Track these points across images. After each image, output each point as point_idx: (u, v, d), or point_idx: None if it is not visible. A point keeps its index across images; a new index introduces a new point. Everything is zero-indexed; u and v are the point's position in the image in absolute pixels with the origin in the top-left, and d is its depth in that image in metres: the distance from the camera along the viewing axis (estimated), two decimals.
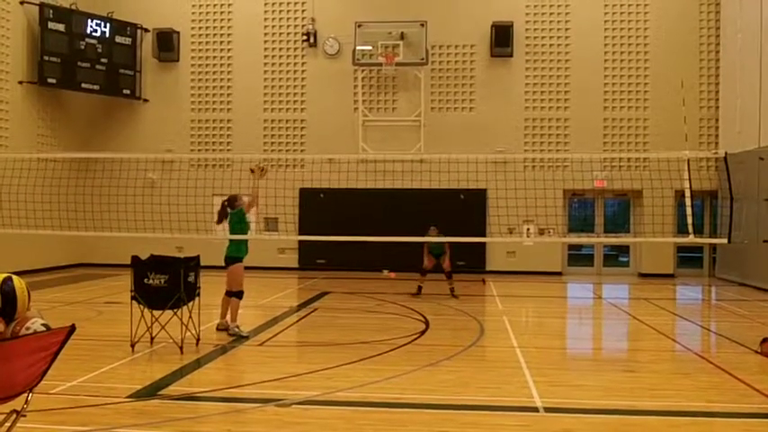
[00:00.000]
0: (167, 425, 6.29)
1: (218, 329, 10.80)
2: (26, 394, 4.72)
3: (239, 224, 10.89)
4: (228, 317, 10.75)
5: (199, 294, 9.79)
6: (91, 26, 21.58)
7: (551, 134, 22.04)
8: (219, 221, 11.09)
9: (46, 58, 20.47)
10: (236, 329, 10.60)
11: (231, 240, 10.85)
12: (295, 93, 22.80)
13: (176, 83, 23.12)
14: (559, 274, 21.85)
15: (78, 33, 21.24)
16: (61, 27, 20.78)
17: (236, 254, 10.76)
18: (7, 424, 4.66)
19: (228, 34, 22.99)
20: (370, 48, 21.71)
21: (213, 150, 22.73)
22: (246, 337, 10.50)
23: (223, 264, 10.82)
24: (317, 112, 22.55)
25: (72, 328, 4.82)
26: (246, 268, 10.96)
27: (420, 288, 15.88)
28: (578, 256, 23.16)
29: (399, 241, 14.25)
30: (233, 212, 10.94)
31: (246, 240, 10.94)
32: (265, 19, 22.87)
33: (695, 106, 21.30)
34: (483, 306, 15.46)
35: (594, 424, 6.48)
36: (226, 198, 11.20)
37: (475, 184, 17.90)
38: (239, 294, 10.75)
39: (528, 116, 22.07)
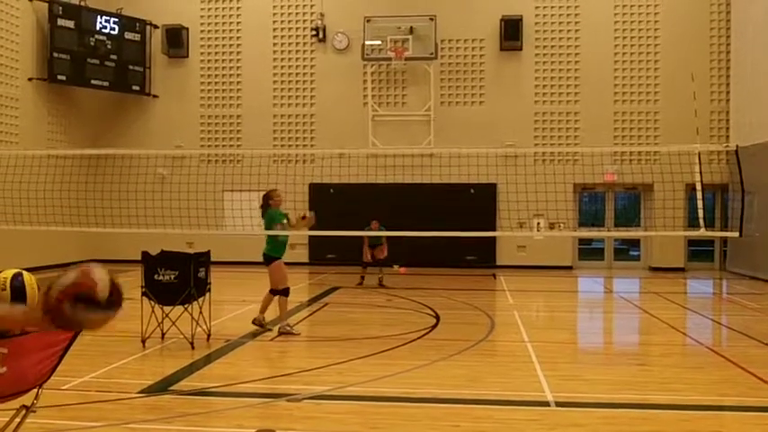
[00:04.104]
0: (179, 420, 6.30)
1: (252, 323, 10.53)
2: (36, 390, 4.72)
3: (271, 223, 10.56)
4: (265, 314, 10.53)
5: (209, 290, 9.81)
6: (100, 23, 21.62)
7: (561, 128, 21.94)
8: (262, 215, 10.77)
9: (55, 54, 20.52)
10: (288, 328, 10.41)
11: (268, 237, 10.57)
12: (304, 88, 22.79)
13: (186, 79, 23.15)
14: (570, 268, 21.78)
15: (88, 30, 21.27)
16: (71, 24, 20.82)
17: (271, 252, 10.44)
18: (17, 419, 4.68)
19: (237, 30, 22.99)
20: (379, 42, 21.64)
21: (223, 146, 22.75)
22: (298, 334, 10.37)
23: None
24: (327, 108, 22.53)
25: None
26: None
27: (363, 278, 17.05)
28: (589, 250, 23.07)
29: (409, 236, 14.21)
30: (269, 211, 10.61)
31: (284, 239, 10.56)
32: (274, 14, 22.85)
33: (706, 99, 21.14)
34: (493, 300, 15.46)
35: (606, 418, 6.45)
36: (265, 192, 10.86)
37: (485, 178, 17.85)
38: (285, 292, 10.47)
39: (538, 110, 21.98)
